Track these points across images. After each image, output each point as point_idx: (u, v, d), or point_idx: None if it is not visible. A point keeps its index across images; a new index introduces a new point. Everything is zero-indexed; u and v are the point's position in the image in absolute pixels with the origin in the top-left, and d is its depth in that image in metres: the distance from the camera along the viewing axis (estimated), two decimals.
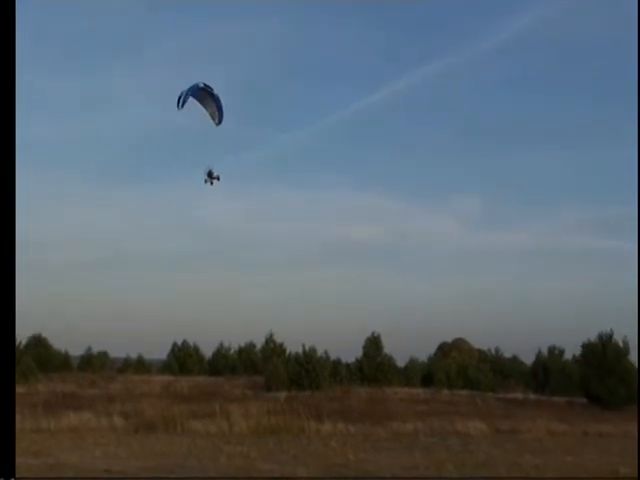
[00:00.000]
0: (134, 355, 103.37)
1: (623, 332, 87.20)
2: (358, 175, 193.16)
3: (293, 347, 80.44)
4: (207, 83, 27.01)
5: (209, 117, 27.59)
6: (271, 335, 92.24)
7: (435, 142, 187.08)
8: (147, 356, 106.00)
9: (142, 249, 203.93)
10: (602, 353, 74.75)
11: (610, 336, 77.06)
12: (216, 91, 27.39)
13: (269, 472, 24.10)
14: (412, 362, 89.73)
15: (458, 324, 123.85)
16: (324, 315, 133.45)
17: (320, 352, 74.94)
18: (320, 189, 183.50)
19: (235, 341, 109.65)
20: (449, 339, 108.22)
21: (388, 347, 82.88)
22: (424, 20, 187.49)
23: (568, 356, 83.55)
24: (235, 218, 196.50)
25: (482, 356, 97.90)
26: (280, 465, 25.60)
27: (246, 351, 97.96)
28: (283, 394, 60.91)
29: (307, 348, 73.52)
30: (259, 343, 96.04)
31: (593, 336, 77.85)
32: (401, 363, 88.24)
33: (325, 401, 51.67)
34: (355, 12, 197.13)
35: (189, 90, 25.65)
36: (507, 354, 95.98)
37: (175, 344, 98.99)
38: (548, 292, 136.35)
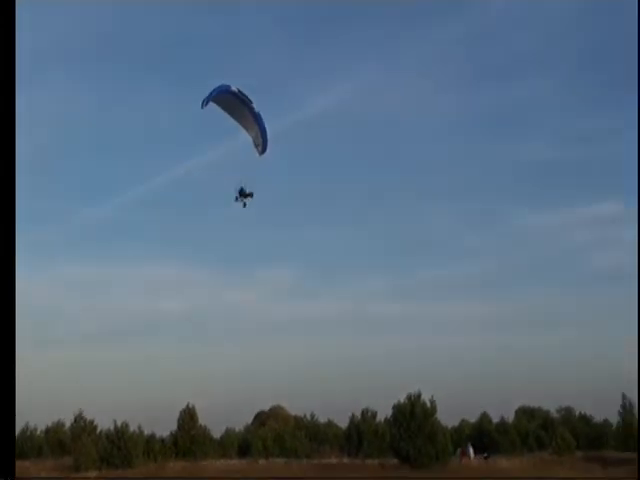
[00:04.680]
0: None
1: (430, 392, 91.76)
2: (166, 246, 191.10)
3: (105, 424, 77.42)
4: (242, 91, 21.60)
5: (251, 142, 22.64)
6: (80, 413, 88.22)
7: (243, 213, 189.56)
8: None
9: None
10: (411, 413, 77.86)
11: (418, 396, 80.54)
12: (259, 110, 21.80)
13: None
14: (228, 432, 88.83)
15: (275, 392, 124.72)
16: (136, 389, 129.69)
17: (133, 427, 72.73)
18: (127, 261, 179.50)
19: (42, 421, 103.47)
20: (266, 407, 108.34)
21: (203, 419, 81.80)
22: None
23: (381, 418, 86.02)
24: (39, 293, 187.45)
25: (298, 422, 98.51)
26: None
27: (54, 430, 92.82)
28: (93, 474, 58.40)
29: (119, 424, 71.11)
30: (68, 421, 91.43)
31: (403, 397, 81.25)
32: (217, 434, 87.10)
33: None
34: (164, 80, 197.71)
35: (215, 90, 21.08)
36: (322, 419, 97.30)
37: None
38: (360, 356, 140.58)
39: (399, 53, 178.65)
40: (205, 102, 21.01)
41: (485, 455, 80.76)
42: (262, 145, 22.80)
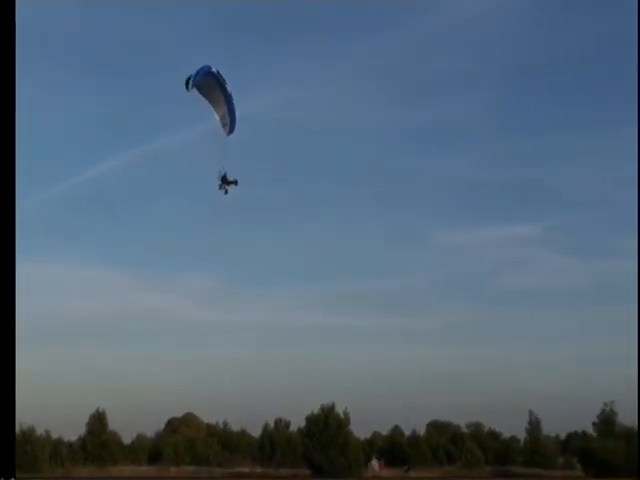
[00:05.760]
0: None
1: (344, 404, 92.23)
2: (86, 248, 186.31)
3: None
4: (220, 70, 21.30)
5: (218, 122, 22.01)
6: None
7: (165, 217, 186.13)
8: None
9: None
10: (324, 424, 78.22)
11: (332, 408, 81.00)
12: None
13: None
14: (139, 438, 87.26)
15: (188, 399, 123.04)
16: (43, 393, 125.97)
17: (40, 431, 70.78)
18: (42, 261, 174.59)
19: None
20: (178, 414, 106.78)
21: (113, 424, 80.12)
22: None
23: (294, 428, 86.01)
24: None
25: (211, 430, 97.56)
26: None
27: None
28: None
29: (25, 427, 69.00)
30: None
31: (317, 408, 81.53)
32: (128, 440, 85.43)
33: None
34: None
35: (199, 72, 20.56)
36: (236, 427, 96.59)
37: None
38: (277, 366, 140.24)
39: (331, 66, 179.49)
40: (191, 85, 20.51)
41: (406, 468, 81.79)
42: (230, 125, 22.16)
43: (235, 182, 22.81)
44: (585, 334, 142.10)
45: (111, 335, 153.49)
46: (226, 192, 22.86)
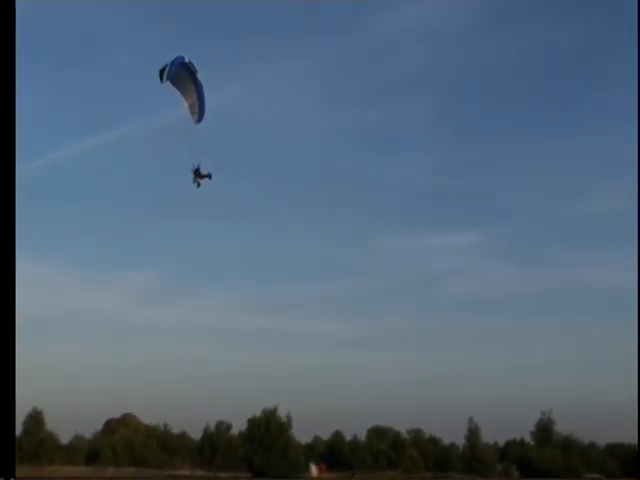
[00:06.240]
0: None
1: (287, 407, 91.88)
2: (21, 244, 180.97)
3: None
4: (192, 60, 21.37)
5: (187, 110, 21.95)
6: None
7: (106, 213, 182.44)
8: None
9: None
10: (266, 427, 77.94)
11: (274, 411, 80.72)
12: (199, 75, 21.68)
13: None
14: (77, 439, 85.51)
15: (126, 399, 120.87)
16: None
17: None
18: None
19: None
20: (117, 414, 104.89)
21: (51, 423, 78.54)
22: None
23: (235, 431, 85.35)
24: None
25: (150, 432, 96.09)
26: None
27: None
28: None
29: None
30: None
31: (259, 411, 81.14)
32: (65, 440, 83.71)
33: None
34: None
35: (173, 63, 20.52)
36: (176, 429, 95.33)
37: None
38: (219, 368, 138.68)
39: (279, 68, 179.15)
40: (165, 78, 20.36)
41: (351, 472, 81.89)
42: (198, 113, 21.93)
43: (209, 176, 22.35)
44: (525, 342, 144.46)
45: (48, 334, 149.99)
46: (198, 185, 22.33)
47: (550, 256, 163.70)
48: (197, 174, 21.98)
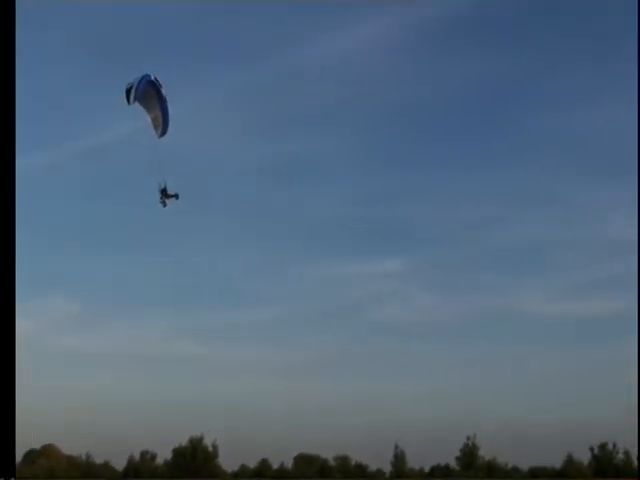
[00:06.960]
0: None
1: (214, 436, 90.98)
2: None
3: None
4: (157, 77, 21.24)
5: (150, 125, 21.84)
6: None
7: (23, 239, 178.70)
8: None
9: None
10: (192, 456, 77.14)
11: (200, 440, 80.00)
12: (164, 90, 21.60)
13: None
14: None
15: (47, 430, 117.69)
16: None
17: None
18: None
19: None
20: (37, 445, 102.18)
21: None
22: None
23: (160, 460, 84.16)
24: None
25: (72, 462, 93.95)
26: None
27: None
28: None
29: None
30: None
31: (185, 440, 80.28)
32: None
33: None
34: None
35: (140, 82, 20.12)
36: (99, 459, 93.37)
37: None
38: (144, 396, 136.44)
39: (203, 92, 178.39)
40: (132, 99, 20.16)
41: None
42: (162, 127, 21.94)
43: (176, 196, 22.23)
44: (450, 368, 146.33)
45: None
46: (164, 205, 22.20)
47: (471, 283, 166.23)
48: (164, 194, 21.82)
